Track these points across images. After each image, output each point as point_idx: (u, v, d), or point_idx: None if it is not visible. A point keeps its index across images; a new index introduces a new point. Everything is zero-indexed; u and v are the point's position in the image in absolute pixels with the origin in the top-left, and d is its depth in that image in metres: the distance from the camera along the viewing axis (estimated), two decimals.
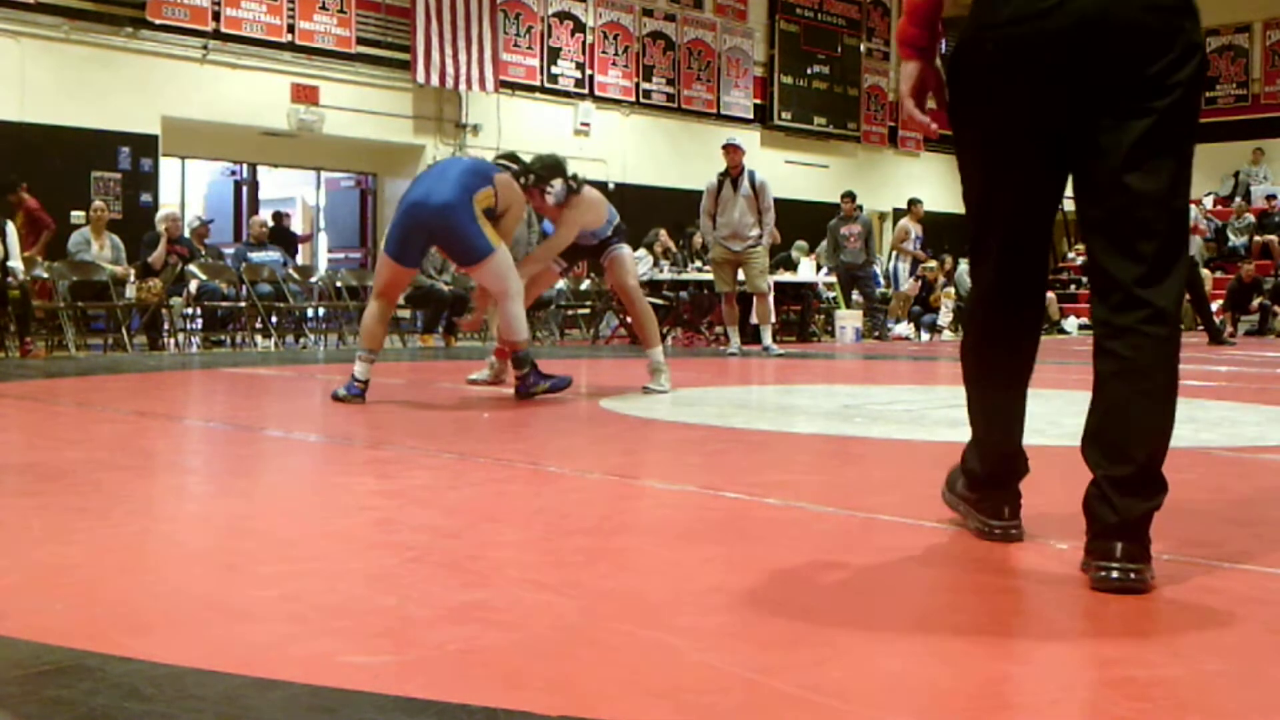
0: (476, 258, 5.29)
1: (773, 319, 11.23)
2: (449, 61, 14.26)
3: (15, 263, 8.74)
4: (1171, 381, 2.04)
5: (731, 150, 10.05)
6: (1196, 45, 2.03)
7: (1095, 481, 2.04)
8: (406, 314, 12.58)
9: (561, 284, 14.00)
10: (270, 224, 15.28)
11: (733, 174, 10.01)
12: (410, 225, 5.37)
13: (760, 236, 10.08)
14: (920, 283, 14.63)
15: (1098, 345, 2.08)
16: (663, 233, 12.86)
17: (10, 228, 8.92)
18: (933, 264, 14.80)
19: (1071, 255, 20.55)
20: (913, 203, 15.47)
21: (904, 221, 15.28)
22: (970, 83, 2.23)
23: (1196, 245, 13.15)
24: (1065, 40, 2.02)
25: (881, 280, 14.85)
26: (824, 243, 14.44)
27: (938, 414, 5.11)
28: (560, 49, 15.84)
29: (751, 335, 10.93)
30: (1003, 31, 2.11)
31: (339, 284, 12.03)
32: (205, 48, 12.69)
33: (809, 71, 19.02)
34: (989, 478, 2.39)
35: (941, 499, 2.58)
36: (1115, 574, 1.94)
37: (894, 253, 15.61)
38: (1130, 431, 2.00)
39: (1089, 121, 2.07)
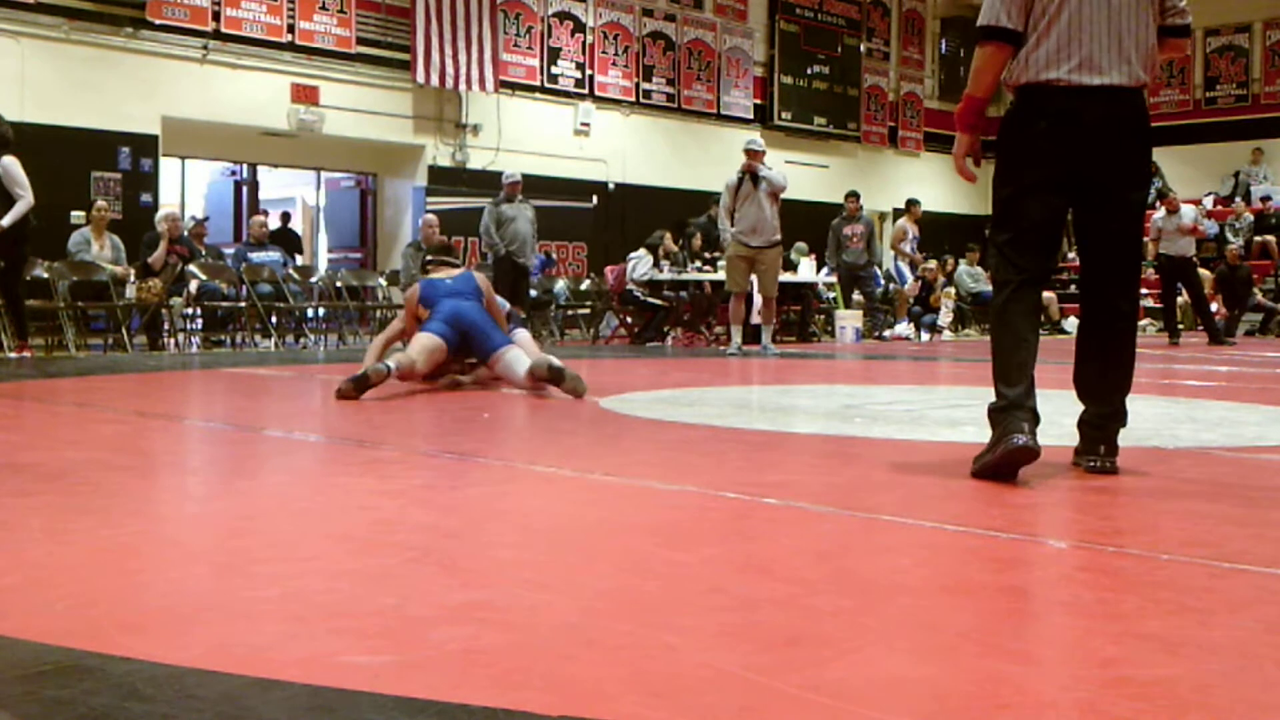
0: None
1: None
2: (449, 61, 14.26)
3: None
4: (1134, 353, 3.44)
5: (752, 154, 10.13)
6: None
7: (1087, 412, 3.44)
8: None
9: (561, 284, 14.03)
10: (274, 224, 15.32)
11: (753, 173, 10.04)
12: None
13: (779, 236, 10.13)
14: (920, 283, 14.63)
15: (1089, 328, 3.44)
16: (667, 236, 12.87)
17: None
18: (932, 264, 14.80)
19: (1071, 255, 20.56)
20: (911, 203, 15.46)
21: (901, 221, 15.28)
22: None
23: (1194, 245, 13.14)
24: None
25: (882, 280, 14.86)
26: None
27: (938, 414, 5.11)
28: (560, 49, 15.84)
29: (752, 335, 10.93)
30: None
31: (339, 284, 12.03)
32: (205, 48, 12.69)
33: (809, 71, 19.02)
34: (1018, 399, 3.20)
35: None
36: (1099, 464, 3.36)
37: (894, 254, 15.62)
38: (1110, 386, 3.41)
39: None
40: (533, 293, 12.45)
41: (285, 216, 16.47)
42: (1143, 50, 3.28)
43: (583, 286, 14.16)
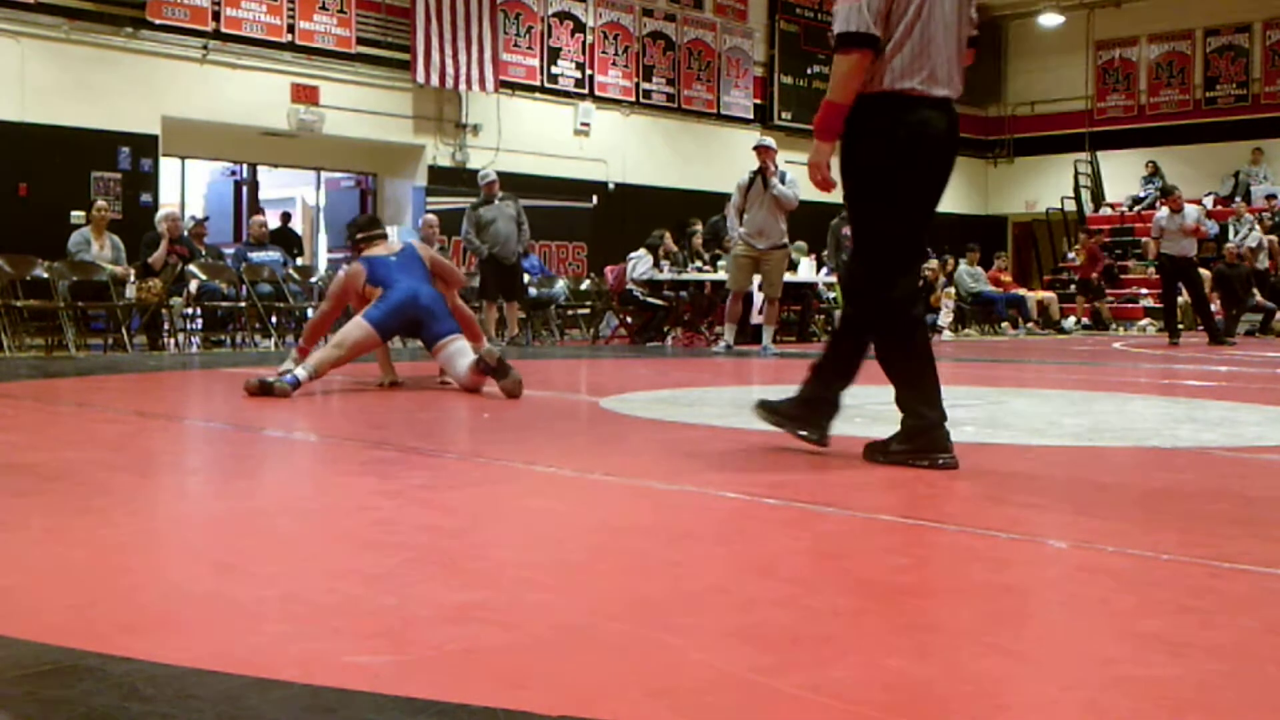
0: None
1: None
2: (449, 61, 14.26)
3: None
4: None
5: (763, 151, 10.06)
6: None
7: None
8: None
9: (561, 283, 14.02)
10: (274, 223, 15.29)
11: (765, 175, 10.00)
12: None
13: (785, 240, 10.11)
14: (922, 282, 14.63)
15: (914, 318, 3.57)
16: (667, 236, 12.87)
17: None
18: (934, 263, 14.79)
19: (1071, 255, 20.56)
20: None
21: None
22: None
23: (1195, 246, 13.13)
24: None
25: None
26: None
27: None
28: (560, 49, 15.84)
29: (752, 335, 10.93)
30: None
31: None
32: (205, 48, 12.69)
33: (809, 71, 19.02)
34: (938, 418, 3.34)
35: (872, 460, 3.41)
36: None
37: None
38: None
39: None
40: (532, 291, 12.42)
41: (285, 216, 16.46)
42: (961, 64, 3.45)
43: (583, 286, 14.15)
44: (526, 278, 12.09)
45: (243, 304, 10.90)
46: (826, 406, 3.56)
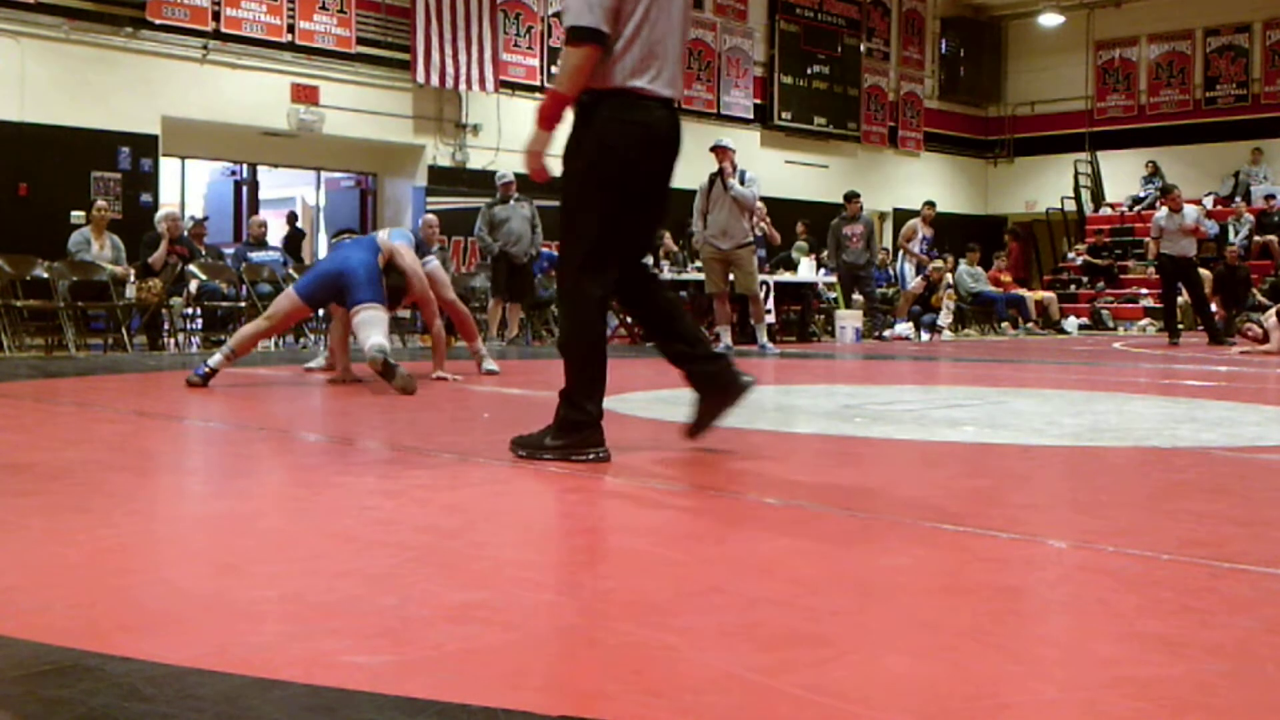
0: None
1: (772, 319, 11.23)
2: (449, 61, 14.26)
3: None
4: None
5: (719, 152, 10.14)
6: None
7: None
8: (407, 314, 12.57)
9: None
10: (282, 226, 15.30)
11: (723, 176, 10.06)
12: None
13: (750, 238, 10.13)
14: (925, 282, 14.63)
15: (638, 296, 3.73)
16: (666, 236, 12.87)
17: None
18: (939, 264, 14.80)
19: (1071, 255, 20.56)
20: (926, 205, 15.50)
21: (913, 221, 15.27)
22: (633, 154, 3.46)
23: (1194, 246, 13.13)
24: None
25: (885, 279, 14.86)
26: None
27: (938, 414, 5.11)
28: (560, 49, 15.82)
29: (749, 336, 10.93)
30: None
31: None
32: (205, 48, 12.69)
33: (809, 71, 19.01)
34: (598, 415, 3.44)
35: (516, 455, 3.46)
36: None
37: (901, 252, 15.63)
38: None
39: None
40: (542, 292, 12.42)
41: (292, 216, 16.45)
42: (682, 72, 3.58)
43: None
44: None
45: (243, 304, 10.90)
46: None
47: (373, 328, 5.68)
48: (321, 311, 7.17)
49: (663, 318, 3.68)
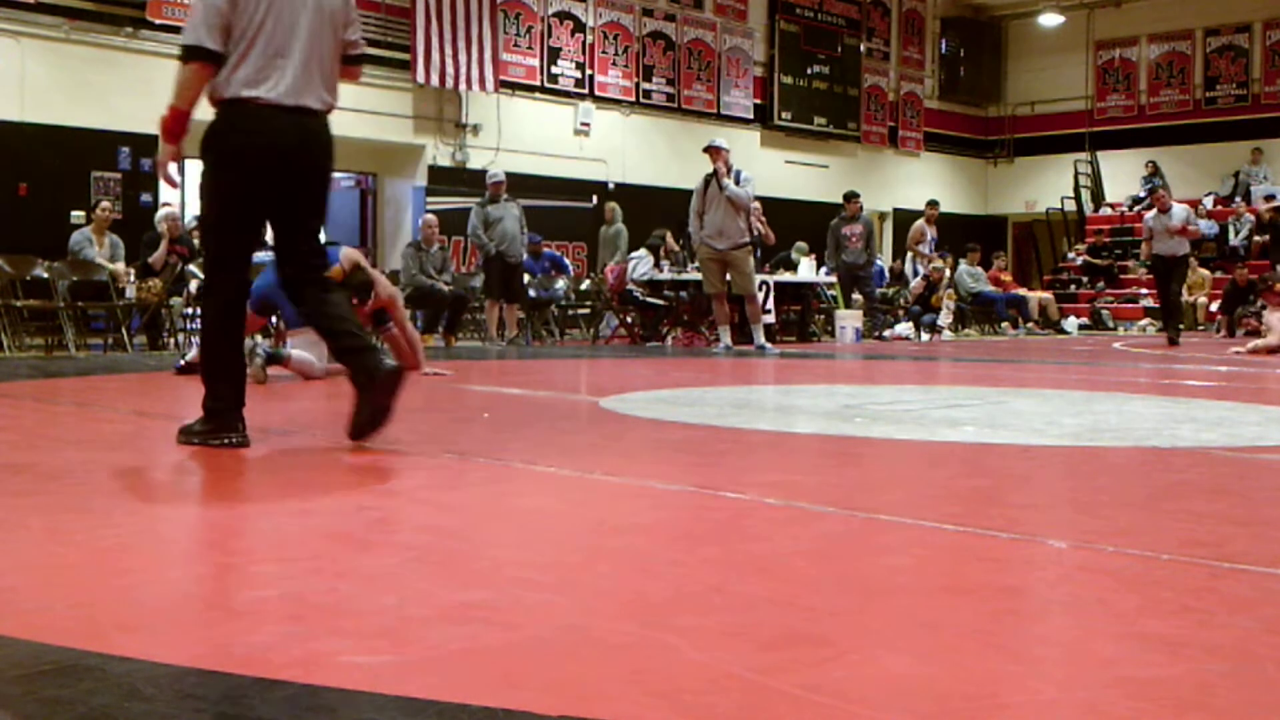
0: None
1: (770, 319, 11.22)
2: (449, 61, 14.25)
3: None
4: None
5: (713, 152, 10.15)
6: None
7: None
8: (407, 313, 12.59)
9: (561, 283, 14.03)
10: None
11: (718, 176, 10.06)
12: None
13: (746, 238, 10.14)
14: (925, 282, 14.63)
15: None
16: (668, 235, 12.88)
17: None
18: (940, 263, 14.80)
19: (1071, 255, 20.56)
20: (930, 204, 15.50)
21: (919, 223, 15.27)
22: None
23: (1186, 246, 13.15)
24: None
25: (887, 278, 14.87)
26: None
27: (938, 414, 5.11)
28: (560, 49, 15.83)
29: (748, 336, 10.93)
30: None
31: None
32: None
33: (809, 71, 19.01)
34: (237, 403, 3.67)
35: (179, 443, 3.67)
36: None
37: (909, 253, 15.65)
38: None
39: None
40: (531, 292, 12.44)
41: None
42: (331, 79, 3.84)
43: (583, 286, 14.15)
44: (527, 276, 12.14)
45: None
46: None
47: (309, 348, 6.17)
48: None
49: (320, 316, 3.86)
